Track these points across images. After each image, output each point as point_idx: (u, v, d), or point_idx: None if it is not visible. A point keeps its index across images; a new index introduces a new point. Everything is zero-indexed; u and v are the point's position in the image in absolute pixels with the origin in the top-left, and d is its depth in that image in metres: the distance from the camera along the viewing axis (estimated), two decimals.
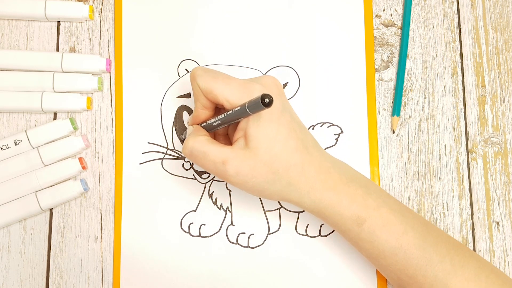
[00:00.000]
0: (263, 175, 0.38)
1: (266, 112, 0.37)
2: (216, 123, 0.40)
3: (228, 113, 0.38)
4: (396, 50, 0.49)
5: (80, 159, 0.47)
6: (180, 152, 0.47)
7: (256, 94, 0.37)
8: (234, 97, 0.38)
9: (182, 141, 0.46)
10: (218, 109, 0.42)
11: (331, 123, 0.48)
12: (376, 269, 0.45)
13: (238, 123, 0.39)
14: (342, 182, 0.39)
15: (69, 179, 0.47)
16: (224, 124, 0.39)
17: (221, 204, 0.47)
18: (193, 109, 0.48)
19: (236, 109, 0.37)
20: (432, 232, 0.40)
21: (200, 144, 0.39)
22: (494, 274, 0.39)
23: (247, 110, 0.35)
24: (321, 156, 0.40)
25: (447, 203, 0.47)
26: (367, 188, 0.40)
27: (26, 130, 0.47)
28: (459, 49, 0.49)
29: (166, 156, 0.47)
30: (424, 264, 0.38)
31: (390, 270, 0.39)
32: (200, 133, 0.40)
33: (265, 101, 0.33)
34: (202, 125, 0.42)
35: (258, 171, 0.38)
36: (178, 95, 0.48)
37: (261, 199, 0.47)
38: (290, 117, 0.39)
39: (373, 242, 0.39)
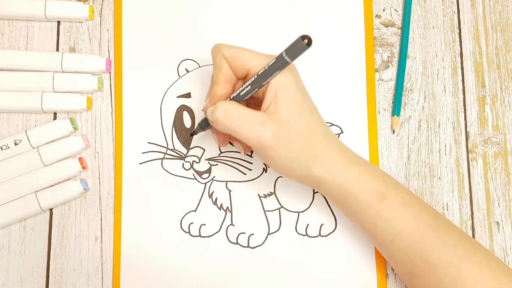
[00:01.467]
0: (297, 142, 0.38)
1: (293, 81, 0.38)
2: (245, 90, 0.39)
3: (262, 70, 0.38)
4: (396, 50, 0.49)
5: (80, 159, 0.47)
6: (180, 152, 0.47)
7: (281, 61, 0.37)
8: (260, 61, 0.38)
9: (194, 134, 0.44)
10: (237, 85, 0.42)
11: (331, 123, 0.48)
12: (376, 269, 0.45)
13: (263, 93, 0.39)
14: (360, 160, 0.40)
15: (69, 179, 0.47)
16: (254, 90, 0.39)
17: (221, 204, 0.47)
18: (193, 109, 0.48)
19: (271, 63, 0.37)
20: (443, 218, 0.40)
21: (236, 105, 0.38)
22: (502, 264, 0.39)
23: (285, 57, 0.35)
24: (336, 137, 0.41)
25: (447, 203, 0.47)
26: (381, 171, 0.41)
27: (26, 130, 0.47)
28: (459, 49, 0.49)
29: (166, 156, 0.47)
30: (439, 246, 0.38)
31: (404, 253, 0.39)
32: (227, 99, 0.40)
33: (304, 41, 0.33)
34: (232, 98, 0.40)
35: (293, 137, 0.38)
36: (178, 95, 0.48)
37: (261, 200, 0.47)
38: (308, 94, 0.40)
39: (392, 221, 0.39)
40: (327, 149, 0.39)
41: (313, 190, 0.47)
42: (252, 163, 0.47)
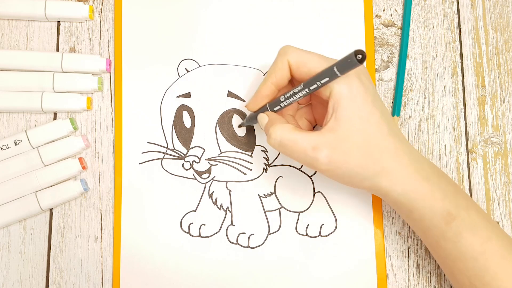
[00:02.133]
0: (357, 160, 0.36)
1: (360, 92, 0.36)
2: (286, 100, 0.39)
3: (311, 78, 0.37)
4: (396, 50, 0.49)
5: (80, 159, 0.47)
6: (180, 152, 0.47)
7: (329, 73, 0.36)
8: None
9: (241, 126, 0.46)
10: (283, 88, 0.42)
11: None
12: (376, 270, 0.45)
13: (321, 104, 0.38)
14: (434, 175, 0.38)
15: (69, 179, 0.47)
16: (295, 99, 0.38)
17: (221, 204, 0.47)
18: (193, 108, 0.48)
19: (320, 72, 0.36)
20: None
21: (288, 131, 0.38)
22: None
23: (335, 70, 0.34)
24: (411, 147, 0.39)
25: None
26: (455, 187, 0.39)
27: (26, 130, 0.47)
28: (459, 49, 0.49)
29: (166, 156, 0.47)
30: (503, 275, 0.37)
31: (465, 274, 0.38)
32: (282, 121, 0.39)
33: (357, 57, 0.31)
34: (273, 102, 0.41)
35: (352, 155, 0.36)
36: (178, 95, 0.48)
37: (262, 200, 0.47)
38: (380, 101, 0.38)
39: (457, 243, 0.37)
40: (395, 163, 0.37)
41: (313, 190, 0.47)
42: (252, 163, 0.47)
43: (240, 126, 0.47)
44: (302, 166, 0.47)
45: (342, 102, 0.36)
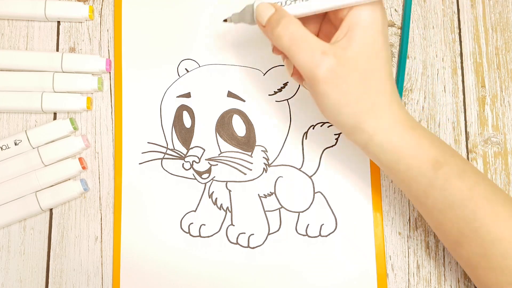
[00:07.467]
0: (355, 88, 0.35)
1: (381, 23, 0.35)
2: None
3: None
4: (396, 50, 0.49)
5: (80, 159, 0.47)
6: (180, 152, 0.47)
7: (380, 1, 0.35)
8: None
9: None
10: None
11: (330, 124, 0.48)
12: (376, 270, 0.45)
13: (339, 23, 0.36)
14: (420, 125, 0.38)
15: (69, 179, 0.47)
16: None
17: (221, 204, 0.47)
18: (193, 108, 0.48)
19: None
20: (500, 189, 0.38)
21: (301, 27, 0.35)
22: None
23: None
24: (400, 99, 0.38)
25: None
26: (439, 138, 0.39)
27: (26, 130, 0.47)
28: (459, 49, 0.49)
29: (166, 156, 0.47)
30: (491, 219, 0.36)
31: (453, 222, 0.37)
32: (292, 15, 0.36)
33: None
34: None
35: (353, 81, 0.35)
36: (178, 95, 0.48)
37: (262, 200, 0.47)
38: (389, 46, 0.37)
39: (445, 191, 0.36)
40: (387, 106, 0.36)
41: (313, 190, 0.47)
42: (252, 163, 0.47)
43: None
44: (302, 166, 0.47)
45: (361, 25, 0.35)
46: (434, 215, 0.38)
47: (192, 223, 0.47)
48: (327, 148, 0.47)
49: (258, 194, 0.47)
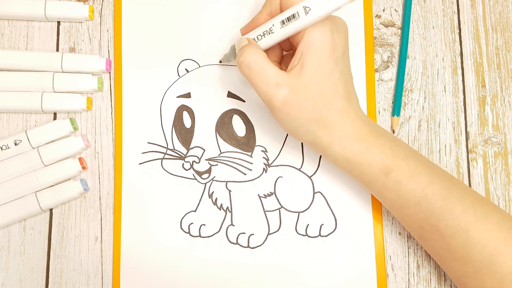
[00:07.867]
0: (307, 111, 0.38)
1: (328, 48, 0.38)
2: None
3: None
4: (396, 50, 0.49)
5: (80, 159, 0.47)
6: (180, 152, 0.47)
7: (333, 18, 0.38)
8: None
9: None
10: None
11: None
12: (376, 269, 0.45)
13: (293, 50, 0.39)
14: (372, 135, 0.40)
15: (69, 179, 0.47)
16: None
17: (221, 204, 0.47)
18: (193, 109, 0.48)
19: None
20: (457, 184, 0.40)
21: (261, 58, 0.39)
22: None
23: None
24: (358, 110, 0.41)
25: None
26: (395, 142, 0.41)
27: (26, 130, 0.47)
28: (459, 49, 0.49)
29: (166, 156, 0.47)
30: (447, 214, 0.38)
31: (412, 219, 0.40)
32: (259, 48, 0.40)
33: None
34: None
35: (305, 105, 0.38)
36: (178, 95, 0.48)
37: (262, 200, 0.47)
38: (347, 63, 0.40)
39: (399, 191, 0.39)
40: (339, 123, 0.39)
41: (313, 190, 0.47)
42: (252, 163, 0.47)
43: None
44: (302, 166, 0.47)
45: (312, 49, 0.38)
46: (396, 212, 0.41)
47: (192, 223, 0.47)
48: None
49: (258, 194, 0.47)
